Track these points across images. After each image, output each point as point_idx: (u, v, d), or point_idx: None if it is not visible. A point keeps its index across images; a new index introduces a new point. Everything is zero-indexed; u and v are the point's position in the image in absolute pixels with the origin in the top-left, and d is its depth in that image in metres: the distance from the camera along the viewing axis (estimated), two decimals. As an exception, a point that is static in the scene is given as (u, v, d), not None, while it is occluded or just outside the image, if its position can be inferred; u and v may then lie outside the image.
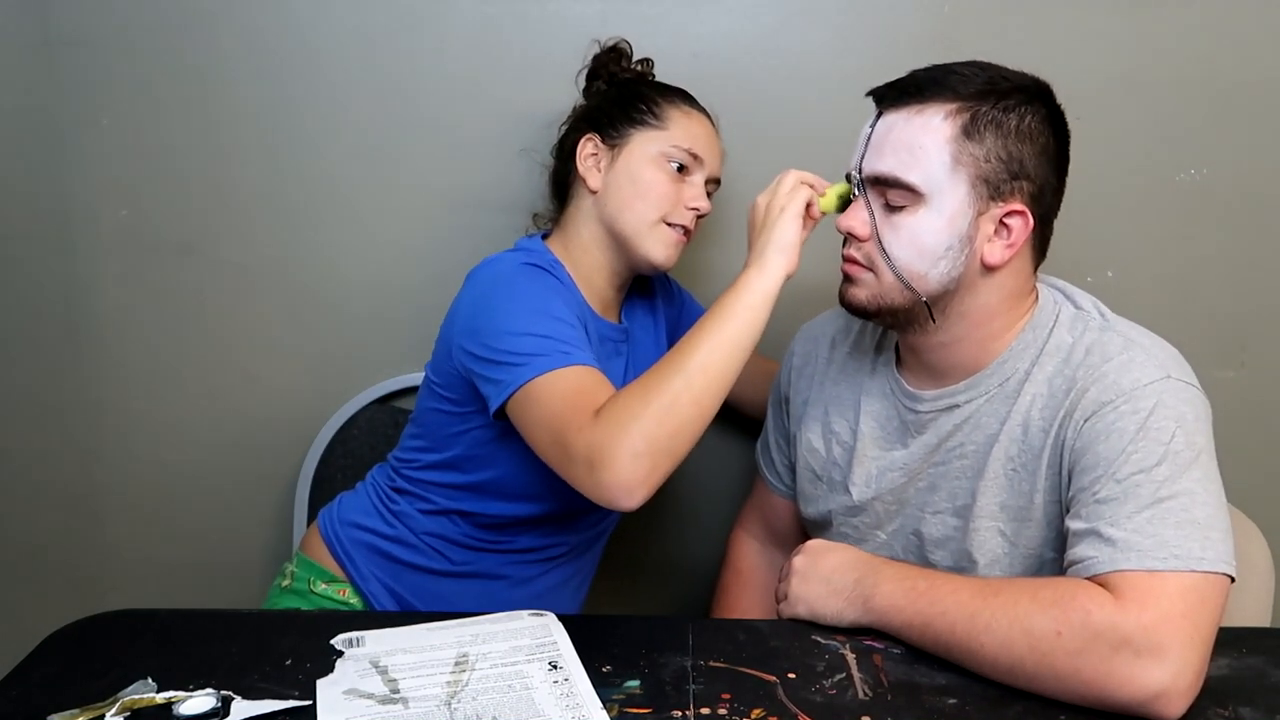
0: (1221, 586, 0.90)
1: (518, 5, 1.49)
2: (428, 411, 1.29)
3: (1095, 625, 0.87)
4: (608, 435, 0.99)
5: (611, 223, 1.26)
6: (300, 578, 1.33)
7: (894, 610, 0.98)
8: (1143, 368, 0.99)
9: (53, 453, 1.66)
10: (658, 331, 1.41)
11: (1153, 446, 0.94)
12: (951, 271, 1.04)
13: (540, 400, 1.07)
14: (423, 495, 1.30)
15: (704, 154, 1.27)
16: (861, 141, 1.07)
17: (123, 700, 0.89)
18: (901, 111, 1.04)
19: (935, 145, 1.01)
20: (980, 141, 1.01)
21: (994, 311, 1.07)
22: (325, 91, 1.52)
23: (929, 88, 1.03)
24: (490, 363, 1.13)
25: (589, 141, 1.28)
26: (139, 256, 1.58)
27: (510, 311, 1.14)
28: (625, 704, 0.90)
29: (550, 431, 1.05)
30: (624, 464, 0.98)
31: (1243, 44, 1.48)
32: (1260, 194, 1.52)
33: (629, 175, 1.25)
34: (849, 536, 1.17)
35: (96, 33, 1.51)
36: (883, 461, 1.15)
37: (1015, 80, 1.05)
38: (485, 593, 1.29)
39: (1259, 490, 1.40)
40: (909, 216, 1.03)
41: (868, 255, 1.06)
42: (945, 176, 1.02)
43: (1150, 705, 0.86)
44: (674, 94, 1.30)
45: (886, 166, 1.03)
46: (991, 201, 1.03)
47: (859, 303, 1.08)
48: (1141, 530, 0.91)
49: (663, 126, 1.26)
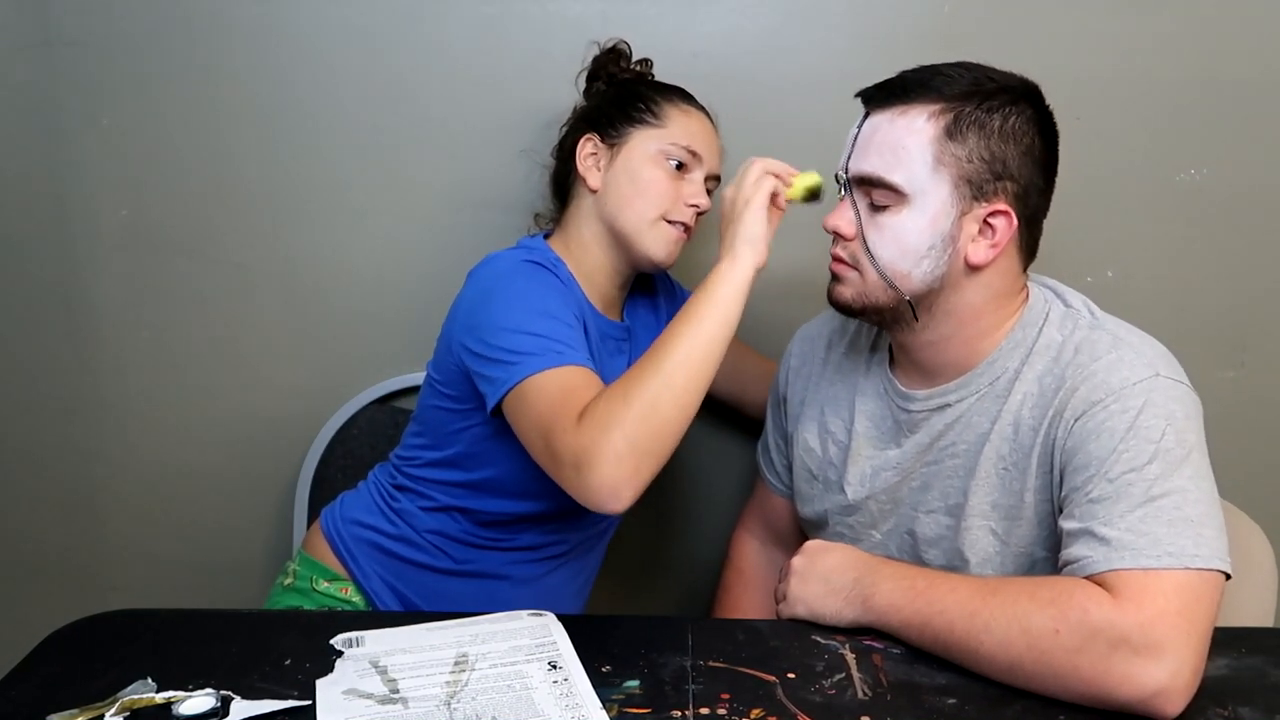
0: (1216, 583, 0.91)
1: (518, 5, 1.49)
2: (429, 409, 1.29)
3: (1093, 623, 0.87)
4: (590, 439, 0.99)
5: (612, 221, 1.27)
6: (303, 576, 1.34)
7: (892, 610, 0.98)
8: (1131, 366, 0.99)
9: (53, 453, 1.67)
10: (660, 329, 1.40)
11: (1143, 445, 0.94)
12: (935, 271, 1.05)
13: (531, 400, 1.08)
14: (424, 493, 1.30)
15: (703, 151, 1.28)
16: (849, 142, 1.08)
17: (122, 700, 0.89)
18: (887, 112, 1.05)
19: (918, 146, 1.02)
20: (963, 142, 1.02)
21: (980, 310, 1.07)
22: (326, 91, 1.52)
23: (914, 89, 1.04)
24: (487, 360, 1.13)
25: (588, 141, 1.29)
26: (139, 256, 1.58)
27: (508, 309, 1.15)
28: (625, 704, 0.90)
29: (540, 433, 1.06)
30: (608, 467, 0.98)
31: (1243, 44, 1.47)
32: (1260, 194, 1.52)
33: (628, 174, 1.26)
34: (844, 536, 1.18)
35: (96, 33, 1.51)
36: (877, 461, 1.16)
37: (1001, 81, 1.05)
38: (488, 592, 1.29)
39: (1260, 490, 1.40)
40: (892, 216, 1.04)
41: (853, 254, 1.07)
42: (927, 176, 1.02)
43: (1149, 703, 0.86)
44: (672, 92, 1.31)
45: (871, 166, 1.04)
46: (975, 202, 1.03)
47: (844, 301, 1.10)
48: (1134, 529, 0.91)
49: (661, 125, 1.27)
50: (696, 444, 1.08)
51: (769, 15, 1.49)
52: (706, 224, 1.37)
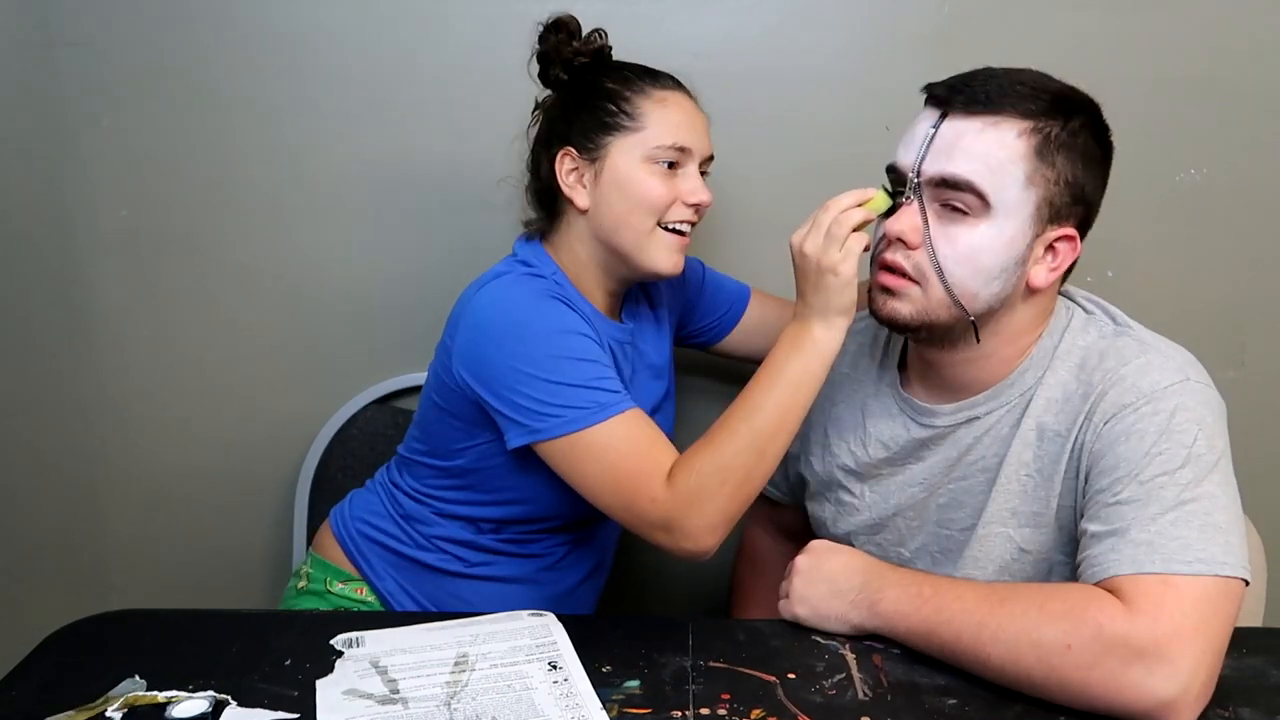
0: (1238, 591, 0.90)
1: (517, 5, 1.49)
2: (432, 420, 1.25)
3: (1107, 639, 0.86)
4: (683, 510, 1.02)
5: (609, 239, 1.19)
6: (316, 578, 1.31)
7: (899, 616, 0.97)
8: (1161, 370, 0.98)
9: (53, 452, 1.67)
10: (660, 327, 1.38)
11: (1176, 449, 0.93)
12: (1002, 292, 1.01)
13: (592, 456, 1.07)
14: (432, 501, 1.27)
15: (691, 143, 1.18)
16: (920, 141, 1.01)
17: (125, 697, 0.89)
18: (973, 120, 0.99)
19: (1010, 161, 0.98)
20: (1051, 164, 0.99)
21: (1024, 330, 1.06)
22: (325, 91, 1.52)
23: (997, 99, 0.99)
24: (513, 404, 1.10)
25: (566, 157, 1.19)
26: (139, 256, 1.58)
27: (530, 357, 1.09)
28: (625, 704, 0.90)
29: (613, 491, 1.06)
30: (702, 535, 1.03)
31: (1243, 44, 1.47)
32: (1260, 194, 1.52)
33: (618, 189, 1.17)
34: (873, 555, 1.12)
35: (96, 33, 1.51)
36: (900, 477, 1.13)
37: (1077, 98, 1.02)
38: (502, 595, 1.26)
39: (1258, 490, 1.40)
40: (967, 229, 0.99)
41: (917, 266, 1.01)
42: (1017, 194, 0.98)
43: (1156, 713, 0.85)
44: (641, 79, 1.20)
45: (960, 170, 0.98)
46: (1049, 224, 1.01)
47: (900, 318, 1.03)
48: (1165, 533, 0.90)
49: (640, 127, 1.17)
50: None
51: (769, 15, 1.49)
52: (719, 219, 1.34)
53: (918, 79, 1.04)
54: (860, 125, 1.49)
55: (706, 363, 1.58)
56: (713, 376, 1.63)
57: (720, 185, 1.53)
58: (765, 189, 1.52)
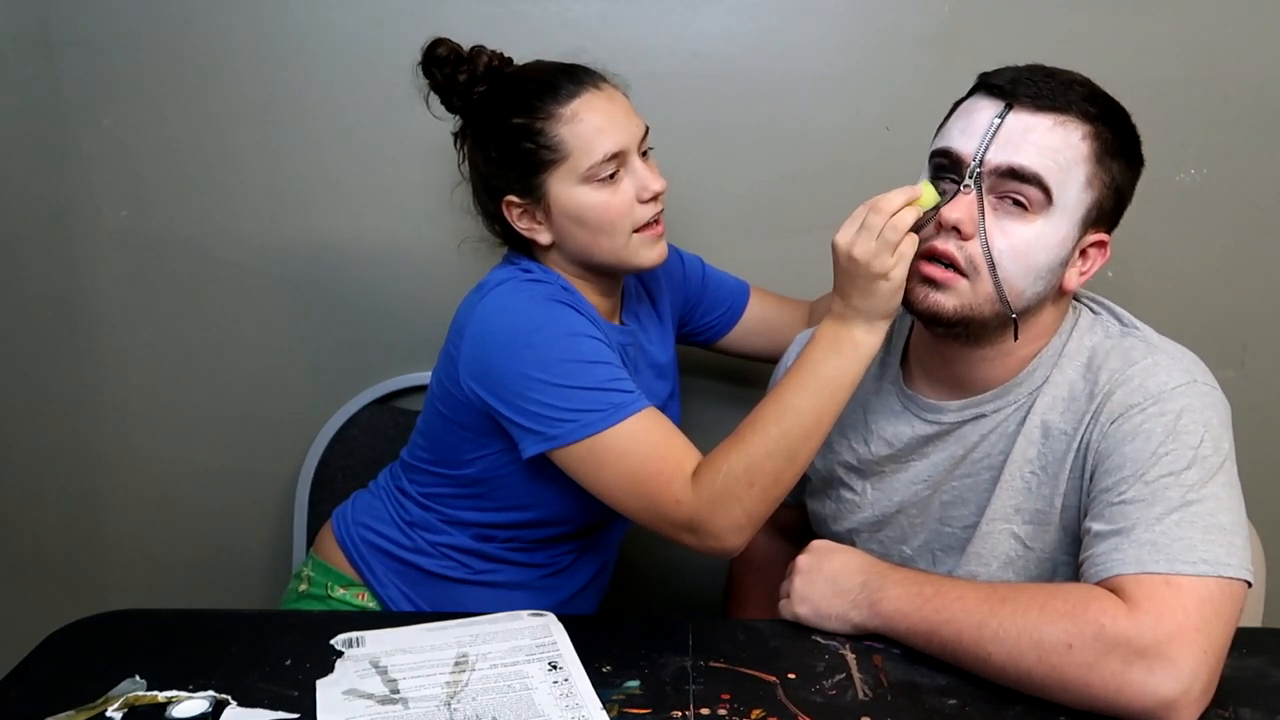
0: (1240, 593, 0.90)
1: (517, 5, 1.49)
2: (439, 430, 1.23)
3: (1109, 639, 0.86)
4: (710, 511, 1.02)
5: (587, 260, 1.19)
6: (318, 583, 1.29)
7: (900, 616, 0.97)
8: (1169, 371, 0.98)
9: (53, 452, 1.67)
10: (663, 325, 1.37)
11: (1182, 450, 0.93)
12: (1043, 292, 1.01)
13: (612, 460, 1.06)
14: (439, 508, 1.26)
15: (618, 143, 1.13)
16: (985, 131, 0.98)
17: (125, 697, 0.89)
18: (1042, 117, 0.98)
19: (1075, 162, 0.98)
20: (1108, 168, 0.99)
21: (1045, 330, 1.06)
22: (325, 92, 1.52)
23: (1062, 98, 0.98)
24: (526, 412, 1.08)
25: (510, 206, 1.17)
26: (139, 256, 1.59)
27: (541, 363, 1.08)
28: (625, 704, 0.90)
29: (634, 494, 1.05)
30: (729, 535, 1.03)
31: (1243, 44, 1.47)
32: (1260, 194, 1.52)
33: (572, 220, 1.15)
34: (874, 552, 1.13)
35: (96, 33, 1.51)
36: (903, 474, 1.13)
37: (1120, 106, 1.02)
38: (506, 601, 1.22)
39: (1258, 490, 1.39)
40: (1023, 224, 0.98)
41: (970, 258, 0.99)
42: (1077, 194, 0.98)
43: (1157, 714, 0.85)
44: (544, 101, 1.14)
45: (1031, 162, 0.97)
46: (1091, 228, 1.01)
47: (945, 313, 1.00)
48: (1170, 533, 0.90)
49: (563, 155, 1.13)
50: (705, 443, 1.08)
51: (769, 15, 1.49)
52: (720, 218, 1.33)
53: (918, 79, 1.04)
54: (861, 125, 1.49)
55: (708, 362, 1.58)
56: (715, 376, 1.62)
57: (720, 185, 1.54)
58: (765, 189, 1.52)
